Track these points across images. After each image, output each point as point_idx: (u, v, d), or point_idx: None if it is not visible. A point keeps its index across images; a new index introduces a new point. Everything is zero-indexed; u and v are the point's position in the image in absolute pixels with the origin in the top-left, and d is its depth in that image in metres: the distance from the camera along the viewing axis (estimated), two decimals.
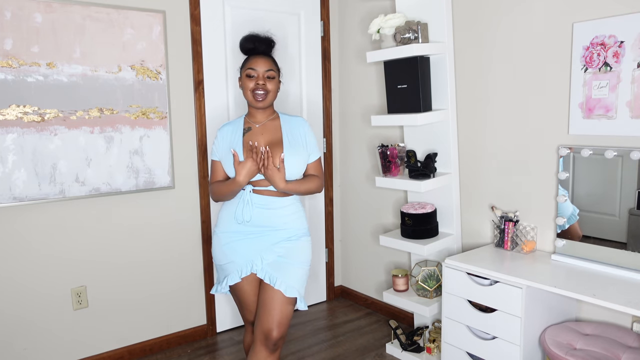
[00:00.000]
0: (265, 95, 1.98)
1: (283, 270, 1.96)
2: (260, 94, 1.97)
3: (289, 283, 1.94)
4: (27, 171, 2.34)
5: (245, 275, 1.99)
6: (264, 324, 1.92)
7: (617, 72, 1.98)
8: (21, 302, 2.43)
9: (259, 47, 2.02)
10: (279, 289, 1.92)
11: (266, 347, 1.92)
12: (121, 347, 2.73)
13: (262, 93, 1.97)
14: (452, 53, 2.55)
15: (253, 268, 1.98)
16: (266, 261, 1.97)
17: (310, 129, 2.08)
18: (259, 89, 1.97)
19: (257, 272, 1.97)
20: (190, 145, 2.82)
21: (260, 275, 1.96)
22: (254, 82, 1.97)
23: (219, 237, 2.05)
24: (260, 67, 1.97)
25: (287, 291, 1.93)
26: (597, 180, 2.06)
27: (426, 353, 2.60)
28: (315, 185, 2.06)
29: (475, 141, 2.56)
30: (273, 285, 1.93)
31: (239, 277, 1.99)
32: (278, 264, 1.97)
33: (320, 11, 3.26)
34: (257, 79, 1.97)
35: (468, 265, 2.15)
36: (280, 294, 1.93)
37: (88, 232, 2.57)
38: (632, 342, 1.91)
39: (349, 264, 3.55)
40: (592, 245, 2.08)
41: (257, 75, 1.97)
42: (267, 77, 1.98)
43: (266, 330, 1.91)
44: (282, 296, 1.93)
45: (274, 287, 1.93)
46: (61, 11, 2.36)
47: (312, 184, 2.05)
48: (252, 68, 1.98)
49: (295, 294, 1.95)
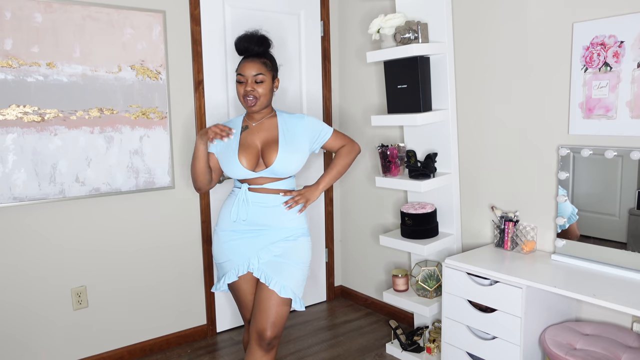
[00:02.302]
0: (255, 101, 1.95)
1: (279, 270, 1.95)
2: (250, 99, 1.95)
3: (283, 283, 1.93)
4: (27, 171, 2.34)
5: (242, 274, 1.99)
6: (258, 324, 1.92)
7: (617, 72, 1.98)
8: (21, 302, 2.43)
9: (252, 48, 1.97)
10: (273, 289, 1.91)
11: (260, 346, 1.92)
12: (121, 347, 2.73)
13: (252, 99, 1.94)
14: (452, 53, 2.55)
15: (249, 267, 1.98)
16: (262, 260, 1.96)
17: (309, 119, 2.07)
18: (248, 95, 1.94)
19: (254, 271, 1.97)
20: (190, 145, 2.82)
21: (257, 275, 1.96)
22: (243, 87, 1.95)
23: (218, 236, 2.05)
24: (248, 72, 1.94)
25: (282, 292, 1.92)
26: (597, 180, 2.06)
27: (426, 353, 2.60)
28: (349, 156, 2.12)
29: (475, 141, 2.56)
30: (268, 285, 1.93)
31: (236, 275, 1.99)
32: (275, 263, 1.97)
33: (320, 11, 3.26)
34: (246, 85, 1.94)
35: (468, 265, 2.15)
36: (274, 294, 1.92)
37: (88, 232, 2.57)
38: (632, 342, 1.91)
39: (349, 264, 3.55)
40: (592, 245, 2.08)
41: (245, 80, 1.94)
42: (256, 82, 1.94)
43: (260, 330, 1.91)
44: (276, 296, 1.92)
45: (269, 287, 1.92)
46: (61, 11, 2.35)
47: (343, 158, 2.11)
48: (241, 74, 1.95)
49: (290, 295, 1.93)
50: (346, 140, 2.14)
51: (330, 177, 2.10)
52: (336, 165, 2.11)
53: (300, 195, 2.03)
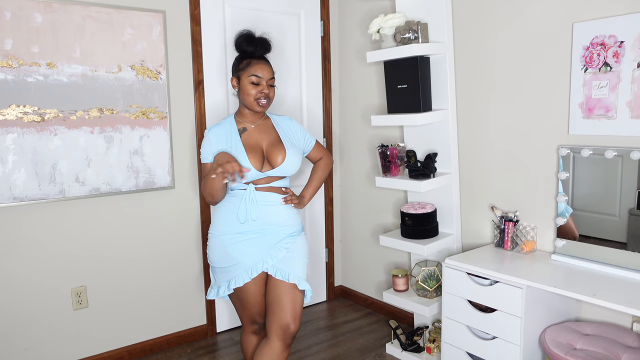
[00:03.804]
0: (268, 103, 2.01)
1: (292, 264, 2.01)
2: (264, 102, 1.99)
3: (300, 275, 1.99)
4: (27, 171, 2.34)
5: (255, 275, 1.99)
6: (281, 319, 1.94)
7: (617, 72, 1.98)
8: (21, 302, 2.43)
9: (259, 51, 2.00)
10: (293, 282, 1.96)
11: (283, 341, 1.94)
12: (121, 347, 2.73)
13: (266, 101, 1.99)
14: (452, 53, 2.55)
15: (264, 266, 1.99)
16: (276, 258, 1.99)
17: (297, 124, 2.17)
18: (263, 98, 1.98)
19: (268, 270, 1.99)
20: (190, 145, 2.82)
21: (272, 272, 1.98)
22: (258, 89, 1.97)
23: (221, 240, 2.01)
24: (265, 75, 1.98)
25: (300, 283, 1.98)
26: (597, 180, 2.06)
27: (426, 353, 2.60)
28: (325, 169, 2.26)
29: (475, 141, 2.56)
30: (287, 280, 1.96)
31: (249, 277, 1.98)
32: (287, 259, 2.01)
33: (320, 11, 3.26)
34: (262, 87, 1.98)
35: (468, 265, 2.15)
36: (292, 287, 1.97)
37: (88, 232, 2.57)
38: (632, 342, 1.91)
39: (349, 264, 3.55)
40: (592, 245, 2.08)
41: (261, 83, 1.97)
42: (269, 85, 2.01)
43: (284, 325, 1.93)
44: (294, 289, 1.97)
45: (287, 282, 1.96)
46: (61, 11, 2.35)
47: (322, 171, 2.25)
48: (257, 75, 1.97)
49: (306, 286, 2.01)
50: (324, 152, 2.27)
51: (313, 189, 2.24)
52: (316, 178, 2.25)
53: (295, 196, 2.11)
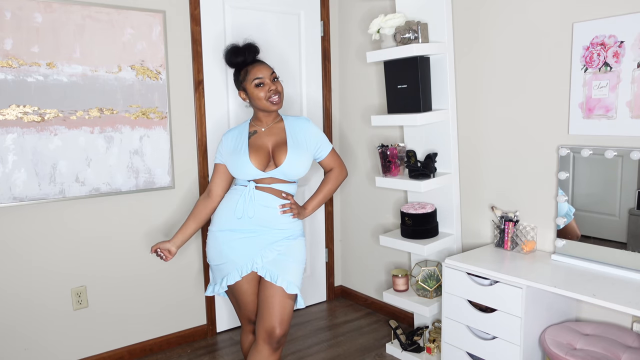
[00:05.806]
0: (280, 97, 2.05)
1: (283, 267, 1.98)
2: (276, 98, 2.03)
3: (289, 280, 1.96)
4: (27, 171, 2.34)
5: (245, 274, 2.00)
6: (267, 322, 1.93)
7: (617, 72, 1.98)
8: (21, 302, 2.43)
9: (249, 56, 2.08)
10: (280, 285, 1.94)
11: (269, 345, 1.93)
12: (121, 347, 2.73)
13: (277, 97, 2.04)
14: (452, 53, 2.55)
15: (254, 266, 1.99)
16: (266, 259, 1.99)
17: (313, 126, 2.14)
18: (273, 94, 2.02)
19: (258, 270, 1.98)
20: (190, 145, 2.82)
21: (261, 273, 1.98)
22: (265, 89, 2.02)
23: (216, 236, 2.05)
24: (265, 73, 2.03)
25: (289, 288, 1.95)
26: (597, 180, 2.06)
27: (426, 353, 2.60)
28: (335, 181, 2.21)
29: (475, 141, 2.56)
30: (274, 283, 1.94)
31: (240, 275, 2.00)
32: (278, 261, 1.99)
33: (320, 11, 3.26)
34: (268, 85, 2.02)
35: (468, 265, 2.15)
36: (281, 290, 1.94)
37: (88, 232, 2.57)
38: (632, 342, 1.91)
39: (349, 264, 3.55)
40: (592, 245, 2.08)
41: (265, 82, 2.02)
42: (273, 80, 2.04)
43: (269, 328, 1.93)
44: (283, 293, 1.95)
45: (275, 284, 1.94)
46: (61, 11, 2.35)
47: (331, 183, 2.20)
48: (259, 77, 2.02)
49: (295, 290, 1.97)
50: (338, 163, 2.22)
51: (317, 202, 2.19)
52: (323, 190, 2.20)
53: (296, 205, 2.09)
